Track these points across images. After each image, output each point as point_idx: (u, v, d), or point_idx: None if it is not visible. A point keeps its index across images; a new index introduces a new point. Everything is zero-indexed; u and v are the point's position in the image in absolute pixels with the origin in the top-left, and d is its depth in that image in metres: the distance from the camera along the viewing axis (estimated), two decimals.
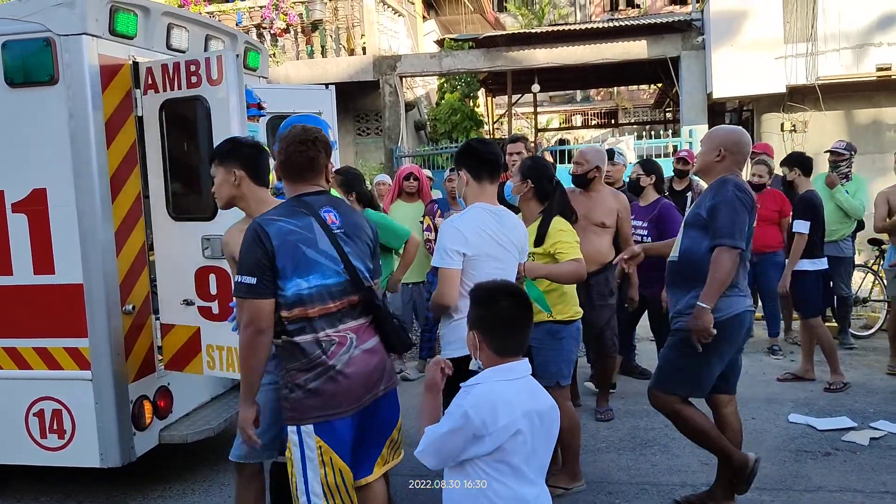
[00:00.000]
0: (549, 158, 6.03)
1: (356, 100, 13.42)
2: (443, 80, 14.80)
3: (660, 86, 17.83)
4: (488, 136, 16.55)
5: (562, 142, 20.69)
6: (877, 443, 4.57)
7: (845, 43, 10.85)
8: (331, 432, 2.58)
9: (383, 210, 6.41)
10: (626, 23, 13.23)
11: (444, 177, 6.44)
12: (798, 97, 11.45)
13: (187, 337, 4.05)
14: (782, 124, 11.63)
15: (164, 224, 4.11)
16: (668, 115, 19.62)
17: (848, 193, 6.66)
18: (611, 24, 12.89)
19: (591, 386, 5.63)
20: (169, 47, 4.31)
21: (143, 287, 4.08)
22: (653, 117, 22.75)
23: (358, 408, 2.64)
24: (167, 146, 4.05)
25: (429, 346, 6.31)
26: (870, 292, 7.48)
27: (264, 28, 12.72)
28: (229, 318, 3.37)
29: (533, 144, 12.63)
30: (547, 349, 3.80)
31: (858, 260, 7.74)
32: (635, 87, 23.73)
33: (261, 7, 12.73)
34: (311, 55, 13.01)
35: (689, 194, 6.73)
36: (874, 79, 10.92)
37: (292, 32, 12.89)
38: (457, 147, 9.82)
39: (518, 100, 17.87)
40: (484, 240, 3.16)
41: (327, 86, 5.80)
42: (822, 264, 5.83)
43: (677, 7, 22.57)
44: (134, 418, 3.95)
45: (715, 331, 3.39)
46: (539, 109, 20.75)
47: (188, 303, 4.00)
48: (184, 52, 4.41)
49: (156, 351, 4.15)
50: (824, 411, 5.13)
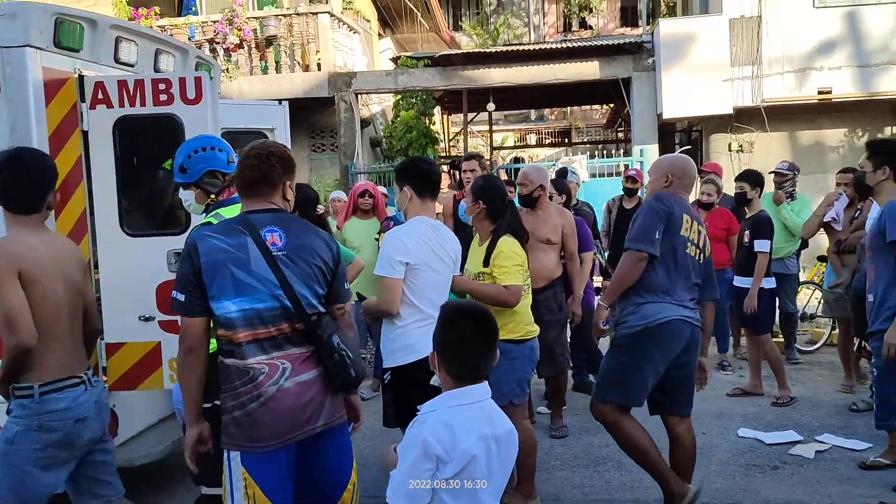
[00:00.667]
0: (503, 176, 6.06)
1: (311, 116, 13.37)
2: (399, 97, 14.84)
3: (612, 106, 18.16)
4: (444, 153, 16.62)
5: (517, 160, 20.91)
6: (822, 455, 4.67)
7: (788, 66, 11.23)
8: (255, 465, 2.40)
9: (338, 226, 6.36)
10: (579, 44, 13.50)
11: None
12: (745, 118, 11.80)
13: (143, 353, 3.99)
14: (730, 144, 11.96)
15: (115, 240, 4.02)
16: (621, 135, 19.98)
17: (793, 212, 6.84)
18: (564, 45, 13.14)
19: (544, 409, 5.63)
20: (117, 61, 4.22)
21: None
22: (605, 136, 23.18)
23: (283, 443, 2.41)
24: (121, 162, 3.97)
25: (383, 365, 6.22)
26: (816, 308, 7.67)
27: (217, 43, 12.61)
28: None
29: (488, 162, 12.71)
30: (498, 369, 3.78)
31: (803, 277, 7.96)
32: (588, 107, 24.15)
33: (214, 21, 12.63)
34: (265, 71, 12.94)
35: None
36: (816, 101, 11.32)
37: (246, 48, 12.81)
38: None
39: (474, 118, 18.01)
40: (424, 250, 3.32)
41: (280, 101, 5.76)
42: (772, 282, 5.96)
43: (629, 29, 23.11)
44: None
45: (605, 326, 3.85)
46: (494, 128, 20.95)
47: (146, 319, 3.95)
48: (132, 66, 4.33)
49: (101, 372, 4.02)
50: (772, 426, 5.23)
